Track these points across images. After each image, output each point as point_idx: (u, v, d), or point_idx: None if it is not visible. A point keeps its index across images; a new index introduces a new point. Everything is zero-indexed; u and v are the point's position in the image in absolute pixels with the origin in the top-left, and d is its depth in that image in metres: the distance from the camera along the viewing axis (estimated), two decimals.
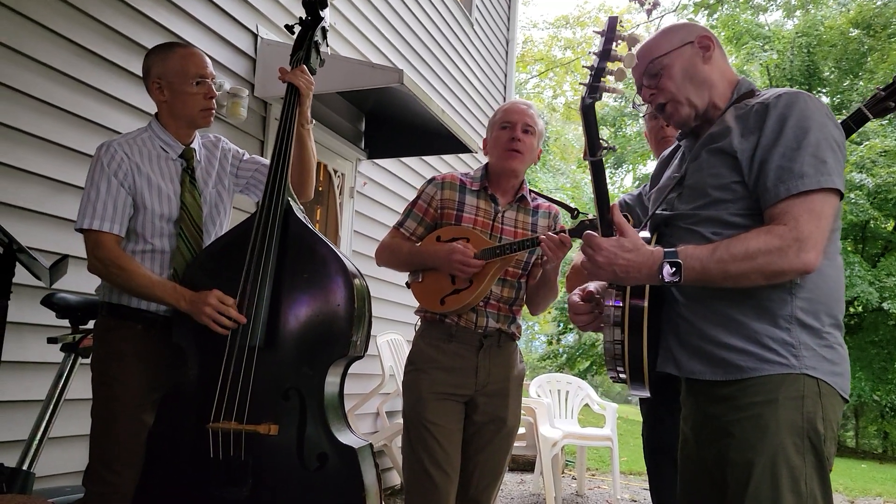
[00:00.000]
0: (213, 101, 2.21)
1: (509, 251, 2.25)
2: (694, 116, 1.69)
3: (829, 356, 1.51)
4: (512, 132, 2.37)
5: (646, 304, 1.59)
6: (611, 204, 1.61)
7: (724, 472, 1.52)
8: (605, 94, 1.61)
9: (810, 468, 1.46)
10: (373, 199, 5.06)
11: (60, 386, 2.28)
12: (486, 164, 2.49)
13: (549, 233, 2.22)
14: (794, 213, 1.45)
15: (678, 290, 1.62)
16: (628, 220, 1.57)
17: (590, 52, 1.64)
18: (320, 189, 4.70)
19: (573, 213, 2.36)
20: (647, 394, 1.67)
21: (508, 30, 7.98)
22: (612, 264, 1.53)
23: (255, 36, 3.75)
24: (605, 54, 1.61)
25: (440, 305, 2.33)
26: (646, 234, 1.70)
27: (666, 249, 1.51)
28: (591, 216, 1.99)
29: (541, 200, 2.51)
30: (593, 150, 1.62)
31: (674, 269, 1.48)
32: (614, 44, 1.61)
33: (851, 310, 14.23)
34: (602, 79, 1.62)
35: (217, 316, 2.00)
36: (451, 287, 2.31)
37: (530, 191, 2.50)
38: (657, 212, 1.73)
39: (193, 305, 2.01)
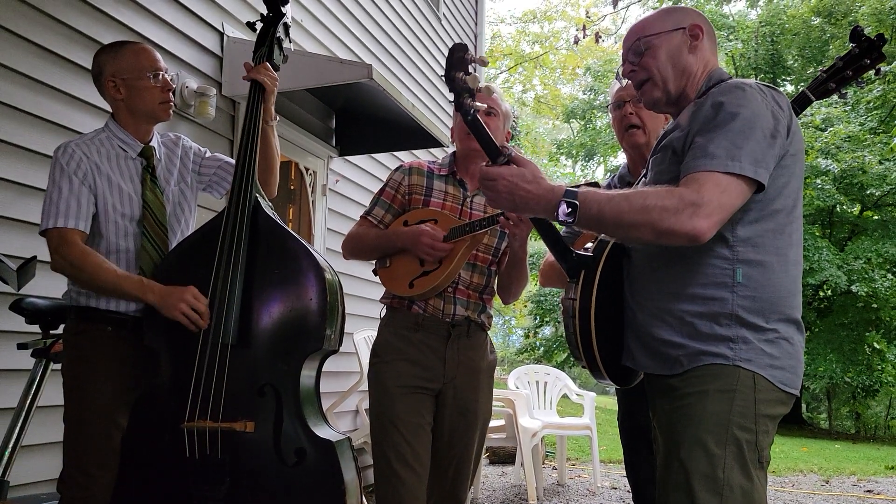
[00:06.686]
0: (171, 93, 2.21)
1: (479, 228, 2.19)
2: (665, 101, 1.70)
3: (770, 350, 1.52)
4: None
5: (593, 299, 1.62)
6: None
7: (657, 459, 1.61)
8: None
9: (730, 458, 1.48)
10: (346, 196, 5.05)
11: (32, 392, 2.23)
12: (454, 151, 2.47)
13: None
14: (701, 180, 1.46)
15: (631, 289, 1.66)
16: None
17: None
18: (292, 187, 4.68)
19: None
20: (609, 381, 1.71)
21: (476, 24, 8.00)
22: (511, 193, 1.56)
23: (221, 34, 3.71)
24: (450, 80, 1.74)
25: (409, 289, 2.27)
26: None
27: (568, 188, 1.53)
28: None
29: None
30: (493, 156, 1.69)
31: (570, 209, 1.50)
32: (469, 66, 1.74)
33: (821, 294, 14.49)
34: (464, 98, 1.75)
35: (191, 313, 1.99)
36: (419, 269, 2.26)
37: None
38: None
39: (164, 300, 2.00)
